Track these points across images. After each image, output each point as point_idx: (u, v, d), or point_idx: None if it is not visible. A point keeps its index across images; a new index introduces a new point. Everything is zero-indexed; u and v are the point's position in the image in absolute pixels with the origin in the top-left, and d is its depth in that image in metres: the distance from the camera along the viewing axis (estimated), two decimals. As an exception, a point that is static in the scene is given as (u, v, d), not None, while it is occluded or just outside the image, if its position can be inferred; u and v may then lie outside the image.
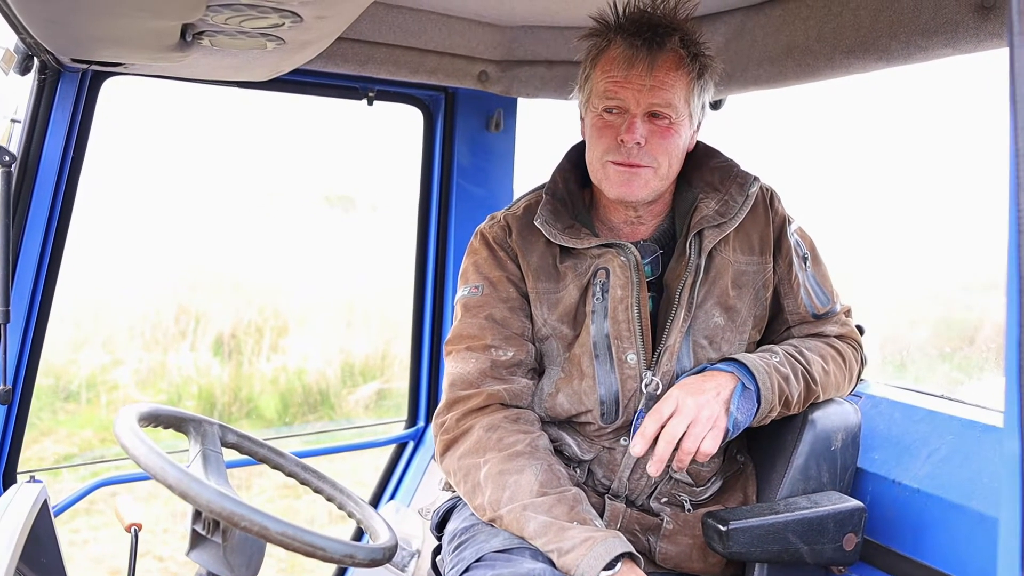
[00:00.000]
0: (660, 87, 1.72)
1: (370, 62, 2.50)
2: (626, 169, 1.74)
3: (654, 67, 1.71)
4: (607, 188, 1.79)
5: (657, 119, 1.74)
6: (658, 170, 1.76)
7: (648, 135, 1.73)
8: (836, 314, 1.98)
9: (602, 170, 1.78)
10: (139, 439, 1.50)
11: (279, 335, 8.41)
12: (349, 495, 1.92)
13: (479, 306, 1.86)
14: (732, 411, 1.69)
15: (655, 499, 1.84)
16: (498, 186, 2.93)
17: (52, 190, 2.19)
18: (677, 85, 1.73)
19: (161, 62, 1.98)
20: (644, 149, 1.73)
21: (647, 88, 1.71)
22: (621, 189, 1.77)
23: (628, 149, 1.73)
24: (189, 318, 7.97)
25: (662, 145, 1.74)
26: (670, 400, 1.68)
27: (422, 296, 2.95)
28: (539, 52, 2.73)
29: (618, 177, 1.76)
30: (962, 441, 1.87)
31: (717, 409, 1.68)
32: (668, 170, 1.78)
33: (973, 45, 1.79)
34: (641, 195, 1.78)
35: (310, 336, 8.34)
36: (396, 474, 2.95)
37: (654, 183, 1.77)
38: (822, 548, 1.73)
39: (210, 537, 1.56)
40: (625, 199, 1.79)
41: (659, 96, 1.72)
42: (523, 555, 1.58)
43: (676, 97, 1.73)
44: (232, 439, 1.92)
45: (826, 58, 2.12)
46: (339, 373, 7.78)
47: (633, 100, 1.72)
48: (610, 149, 1.75)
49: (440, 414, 1.83)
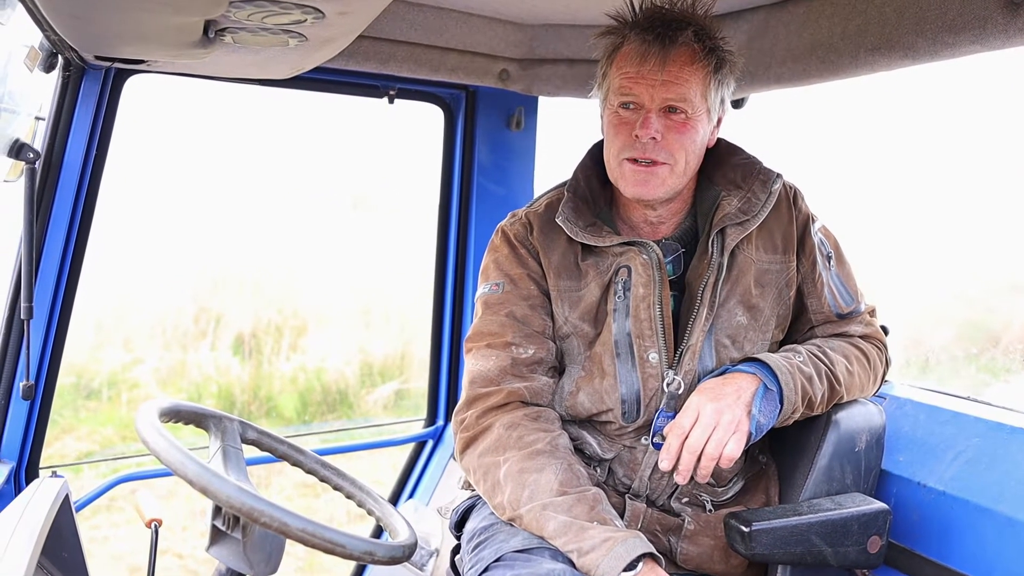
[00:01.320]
0: (674, 81, 1.70)
1: (391, 60, 2.50)
2: (642, 169, 1.73)
3: (667, 62, 1.70)
4: (623, 187, 1.78)
5: (673, 114, 1.72)
6: (675, 167, 1.74)
7: (664, 130, 1.71)
8: (860, 314, 1.95)
9: (618, 168, 1.77)
10: (160, 434, 1.51)
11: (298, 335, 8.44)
12: (369, 492, 1.92)
13: (500, 303, 1.85)
14: (754, 414, 1.68)
15: (676, 499, 1.83)
16: (518, 185, 2.92)
17: (75, 187, 2.20)
18: (692, 80, 1.72)
19: (183, 59, 1.99)
20: (660, 145, 1.72)
21: (660, 83, 1.70)
22: (637, 188, 1.76)
23: (643, 144, 1.72)
24: (209, 317, 8.02)
25: (679, 140, 1.73)
26: (690, 411, 1.68)
27: (442, 295, 2.95)
28: (560, 50, 2.72)
29: (634, 176, 1.75)
30: (989, 443, 1.85)
31: (739, 413, 1.67)
32: (685, 166, 1.76)
33: (1002, 42, 1.76)
34: (657, 194, 1.76)
35: (329, 336, 8.36)
36: (415, 473, 2.95)
37: (671, 181, 1.76)
38: (846, 550, 1.71)
39: (230, 533, 1.56)
40: (641, 198, 1.78)
41: (673, 90, 1.71)
42: (543, 555, 1.57)
43: (691, 92, 1.72)
44: (252, 436, 1.92)
45: (850, 56, 2.09)
46: (358, 373, 7.79)
47: (647, 95, 1.71)
48: (626, 146, 1.74)
49: (460, 411, 1.82)
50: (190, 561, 4.97)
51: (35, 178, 2.08)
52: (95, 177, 2.25)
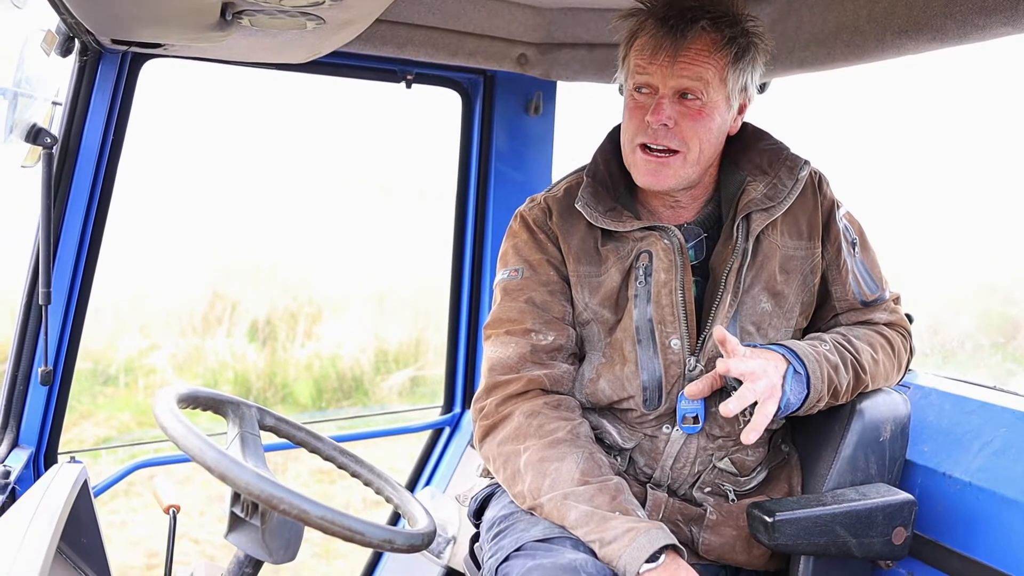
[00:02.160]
0: (688, 68, 1.67)
1: (408, 44, 2.47)
2: (653, 158, 1.71)
3: (682, 50, 1.67)
4: (636, 176, 1.76)
5: (687, 100, 1.69)
6: (688, 155, 1.71)
7: (678, 117, 1.68)
8: (885, 301, 1.92)
9: (632, 155, 1.75)
10: (178, 420, 1.50)
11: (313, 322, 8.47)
12: (387, 480, 1.91)
13: (519, 289, 1.83)
14: (786, 390, 1.65)
15: (698, 489, 1.81)
16: (536, 170, 2.89)
17: (92, 172, 2.19)
18: (707, 67, 1.68)
19: (200, 43, 1.97)
20: (672, 131, 1.69)
21: (675, 67, 1.67)
22: (648, 178, 1.74)
23: (655, 131, 1.69)
24: (225, 304, 8.05)
25: (692, 128, 1.69)
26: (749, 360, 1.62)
27: (459, 281, 2.93)
28: (579, 35, 2.69)
29: (646, 166, 1.73)
30: (1017, 434, 1.81)
31: (776, 380, 1.64)
32: (700, 155, 1.73)
33: (1035, 23, 1.72)
34: (668, 184, 1.74)
35: (344, 323, 8.38)
36: (432, 460, 2.94)
37: (683, 171, 1.73)
38: (871, 541, 1.69)
39: (249, 520, 1.55)
40: (653, 188, 1.76)
41: (686, 77, 1.67)
42: (564, 545, 1.55)
43: (706, 78, 1.68)
44: (270, 422, 1.91)
45: (876, 39, 2.05)
46: (373, 360, 7.81)
47: (661, 81, 1.68)
48: (639, 130, 1.72)
49: (479, 399, 1.81)
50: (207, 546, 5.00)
51: (52, 163, 2.07)
52: (112, 162, 2.24)
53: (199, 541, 5.03)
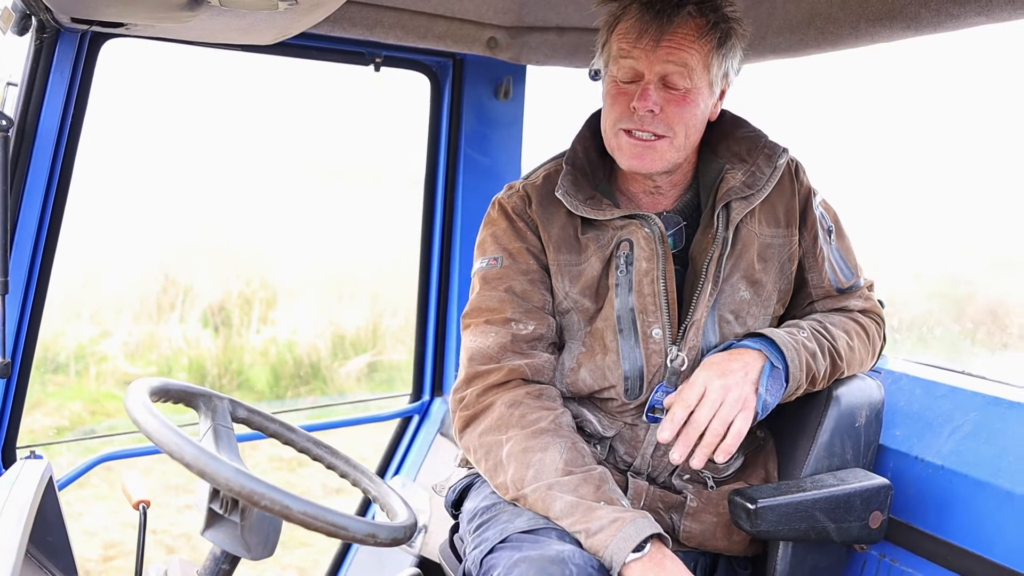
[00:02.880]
0: (674, 53, 1.66)
1: (377, 26, 2.42)
2: (639, 142, 1.69)
3: (667, 34, 1.65)
4: (620, 159, 1.74)
5: (672, 87, 1.68)
6: (674, 140, 1.70)
7: (663, 103, 1.67)
8: (859, 288, 1.94)
9: (615, 139, 1.73)
10: (152, 415, 1.45)
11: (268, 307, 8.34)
12: (364, 472, 1.88)
13: (498, 278, 1.81)
14: (761, 393, 1.66)
15: (677, 476, 1.81)
16: (506, 155, 2.86)
17: (51, 156, 2.11)
18: (692, 52, 1.67)
19: (166, 23, 1.90)
20: (658, 118, 1.68)
21: (661, 53, 1.65)
22: (634, 161, 1.72)
23: (641, 117, 1.67)
24: (178, 290, 7.88)
25: (678, 114, 1.68)
26: (696, 385, 1.65)
27: (428, 266, 2.89)
28: (550, 18, 2.66)
29: (631, 149, 1.71)
30: (987, 418, 1.85)
31: (747, 390, 1.65)
32: (685, 140, 1.72)
33: (1008, 14, 1.74)
34: (655, 167, 1.73)
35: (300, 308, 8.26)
36: (401, 448, 2.91)
37: (669, 155, 1.72)
38: (849, 526, 1.71)
39: (228, 516, 1.51)
40: (638, 171, 1.74)
41: (672, 63, 1.66)
42: (549, 536, 1.54)
43: (691, 64, 1.67)
44: (243, 414, 1.87)
45: (851, 27, 2.06)
46: (330, 345, 7.72)
47: (647, 67, 1.67)
48: (622, 117, 1.70)
49: (459, 389, 1.78)
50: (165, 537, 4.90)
51: (8, 147, 1.98)
52: (71, 146, 2.16)
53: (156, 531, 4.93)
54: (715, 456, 1.65)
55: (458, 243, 2.82)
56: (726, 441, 1.63)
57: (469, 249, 2.85)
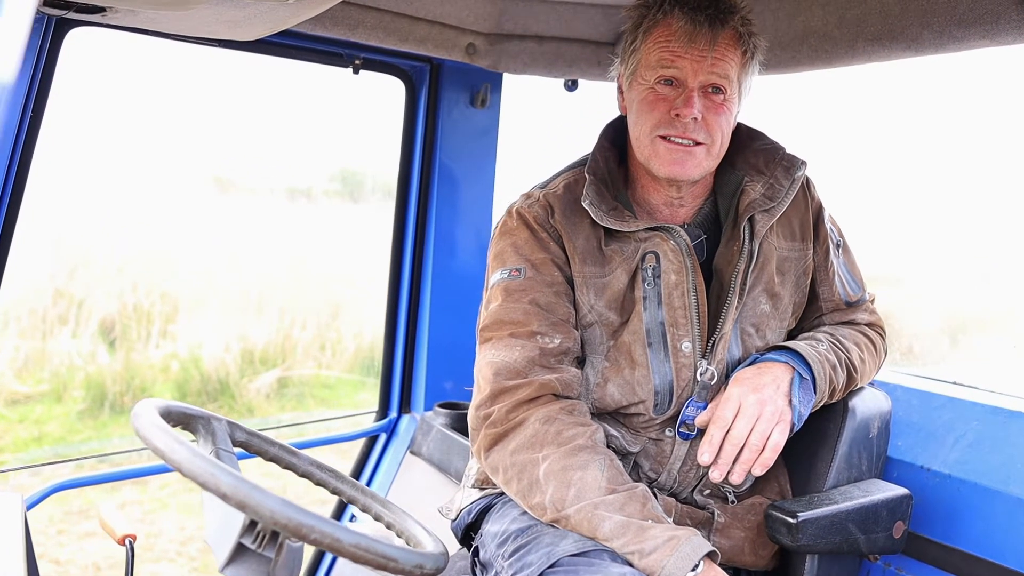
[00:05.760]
0: (719, 64, 1.66)
1: (359, 27, 2.32)
2: (680, 147, 1.67)
3: (716, 42, 1.64)
4: (656, 166, 1.71)
5: (714, 95, 1.67)
6: (711, 148, 1.70)
7: (704, 111, 1.66)
8: (865, 302, 1.97)
9: (651, 146, 1.70)
10: (179, 443, 1.31)
11: (168, 321, 7.92)
12: (373, 496, 1.77)
13: (522, 290, 1.74)
14: (795, 404, 1.66)
15: (699, 492, 1.79)
16: (481, 164, 2.79)
17: (9, 152, 1.91)
18: (733, 63, 1.68)
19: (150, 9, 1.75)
20: (699, 124, 1.66)
21: (708, 62, 1.64)
22: (673, 168, 1.69)
23: (684, 124, 1.65)
24: (69, 302, 7.37)
25: (716, 121, 1.68)
26: (731, 401, 1.64)
27: (398, 278, 2.78)
28: (530, 26, 2.62)
29: (669, 155, 1.68)
30: (989, 427, 1.90)
31: (781, 403, 1.65)
32: (720, 148, 1.72)
33: (1014, 37, 1.80)
34: (693, 174, 1.71)
35: (203, 322, 7.88)
36: (368, 468, 2.77)
37: (706, 162, 1.71)
38: (876, 537, 1.72)
39: (261, 552, 1.38)
40: (677, 178, 1.71)
41: (717, 73, 1.66)
42: (602, 558, 1.48)
43: (731, 75, 1.68)
44: (241, 437, 1.74)
45: (847, 45, 2.10)
46: (238, 360, 7.38)
47: (691, 73, 1.65)
48: (662, 123, 1.67)
49: (483, 406, 1.70)
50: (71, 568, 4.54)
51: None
52: (31, 138, 1.96)
53: (61, 562, 4.56)
54: (753, 470, 1.64)
55: (431, 254, 2.73)
56: (764, 455, 1.63)
57: (443, 260, 2.77)
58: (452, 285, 2.81)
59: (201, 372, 7.08)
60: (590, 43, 2.65)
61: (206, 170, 9.69)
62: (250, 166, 9.90)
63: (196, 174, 9.44)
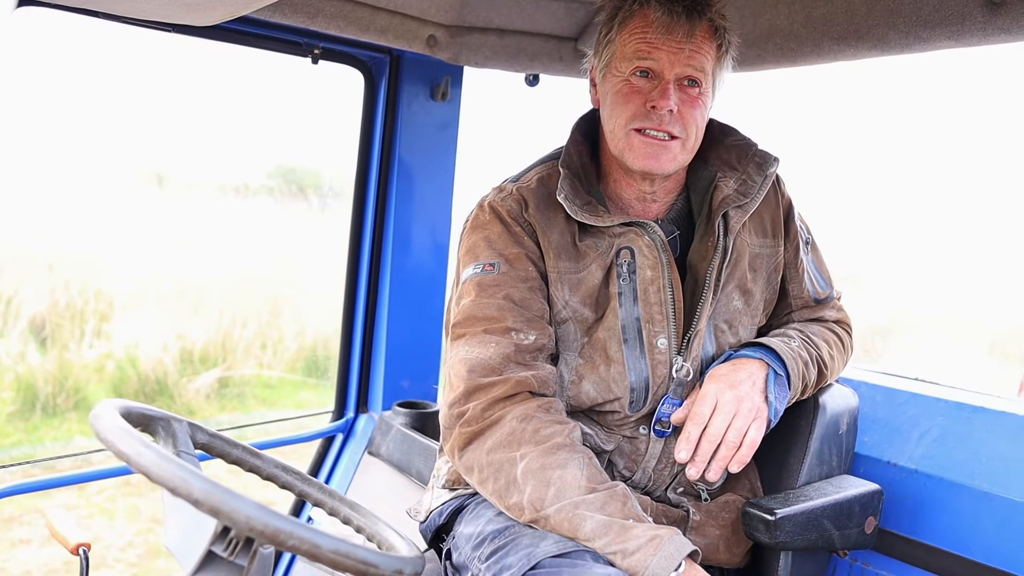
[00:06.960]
0: (695, 56, 1.64)
1: (320, 15, 2.25)
2: (655, 141, 1.65)
3: (693, 34, 1.63)
4: (631, 159, 1.68)
5: (689, 87, 1.65)
6: (686, 142, 1.68)
7: (679, 103, 1.64)
8: (833, 299, 1.98)
9: (625, 140, 1.68)
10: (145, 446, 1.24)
11: (102, 320, 7.66)
12: (342, 499, 1.72)
13: (496, 285, 1.70)
14: (771, 400, 1.65)
15: (672, 490, 1.77)
16: (441, 158, 2.73)
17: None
18: (708, 56, 1.67)
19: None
20: (674, 117, 1.64)
21: (685, 54, 1.63)
22: (648, 161, 1.67)
23: (660, 116, 1.63)
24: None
25: (691, 115, 1.66)
26: (708, 398, 1.63)
27: (355, 275, 2.70)
28: (491, 19, 2.57)
29: (644, 149, 1.66)
30: (954, 423, 1.93)
31: (757, 399, 1.64)
32: (694, 143, 1.71)
33: (979, 39, 1.83)
34: (668, 168, 1.69)
35: (139, 321, 7.64)
36: (324, 469, 2.70)
37: (681, 156, 1.69)
38: (849, 533, 1.73)
39: (233, 559, 1.31)
40: (651, 171, 1.69)
41: (692, 66, 1.64)
42: (584, 559, 1.45)
43: (707, 68, 1.67)
44: (203, 439, 1.67)
45: (813, 44, 2.11)
46: (177, 360, 7.17)
47: (668, 64, 1.63)
48: (637, 115, 1.65)
49: (457, 403, 1.65)
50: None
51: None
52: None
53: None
54: (730, 467, 1.63)
55: (389, 249, 2.66)
56: (741, 451, 1.62)
57: (402, 256, 2.71)
58: (411, 281, 2.75)
59: (138, 372, 6.86)
60: (552, 38, 2.62)
61: (144, 164, 9.41)
62: (190, 161, 9.64)
63: (133, 168, 9.15)
